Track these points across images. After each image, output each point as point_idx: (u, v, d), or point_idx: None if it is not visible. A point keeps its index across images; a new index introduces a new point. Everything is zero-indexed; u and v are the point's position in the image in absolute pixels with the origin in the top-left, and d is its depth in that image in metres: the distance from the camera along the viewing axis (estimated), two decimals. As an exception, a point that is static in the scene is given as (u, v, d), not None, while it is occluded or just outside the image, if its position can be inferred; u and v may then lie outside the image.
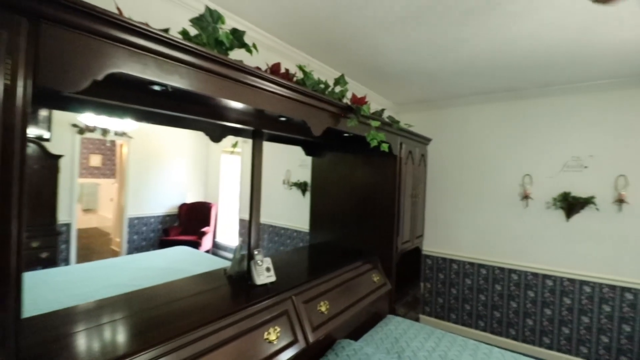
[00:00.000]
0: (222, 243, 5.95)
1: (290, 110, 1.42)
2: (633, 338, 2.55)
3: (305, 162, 4.20)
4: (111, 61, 0.82)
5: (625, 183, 2.59)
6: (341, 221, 2.68)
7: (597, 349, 2.68)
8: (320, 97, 1.52)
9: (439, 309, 3.46)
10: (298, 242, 4.28)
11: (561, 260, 2.85)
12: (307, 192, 4.25)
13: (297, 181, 4.33)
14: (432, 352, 1.83)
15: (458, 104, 3.33)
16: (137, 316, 1.25)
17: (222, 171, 6.10)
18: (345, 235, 2.65)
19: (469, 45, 2.04)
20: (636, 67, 2.32)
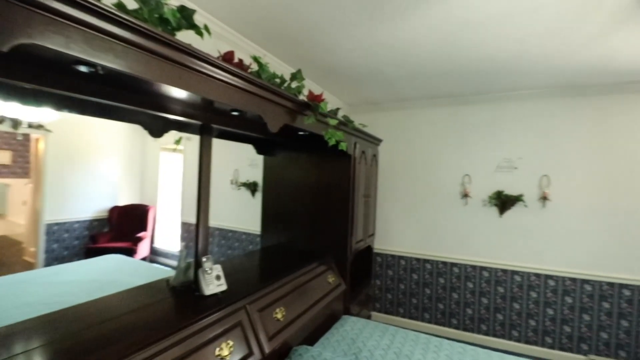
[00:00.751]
0: (161, 249, 5.47)
1: (245, 103, 1.30)
2: (555, 320, 2.89)
3: (256, 162, 4.03)
4: (21, 29, 0.65)
5: (548, 182, 2.92)
6: (295, 222, 2.60)
7: (526, 332, 2.99)
8: (277, 91, 1.43)
9: (388, 304, 3.57)
10: (247, 245, 4.10)
11: (496, 253, 3.11)
12: (258, 192, 4.08)
13: (247, 181, 4.15)
14: (387, 350, 1.85)
15: (406, 107, 3.47)
16: (59, 343, 1.04)
17: (161, 170, 5.61)
18: (299, 236, 2.57)
19: (421, 49, 2.11)
20: (559, 79, 2.62)
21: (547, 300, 2.92)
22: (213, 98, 1.14)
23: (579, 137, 2.83)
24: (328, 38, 2.01)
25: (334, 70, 2.57)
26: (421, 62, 2.34)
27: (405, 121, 3.51)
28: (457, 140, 3.28)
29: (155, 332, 1.10)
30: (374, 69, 2.51)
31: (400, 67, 2.45)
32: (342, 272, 2.41)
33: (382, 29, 1.87)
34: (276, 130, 1.48)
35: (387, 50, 2.15)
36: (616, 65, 2.30)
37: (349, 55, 2.27)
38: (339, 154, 2.32)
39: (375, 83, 2.86)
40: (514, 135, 3.06)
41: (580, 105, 2.83)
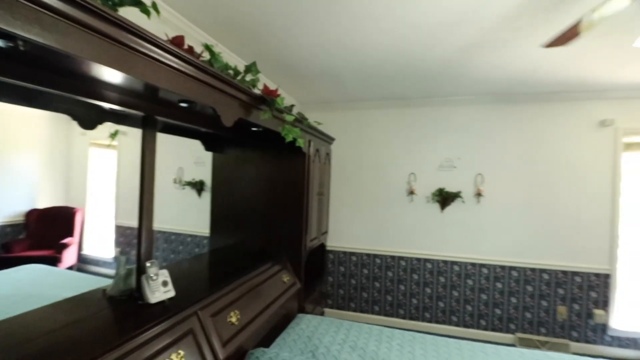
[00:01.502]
0: (91, 256, 4.90)
1: (197, 93, 1.21)
2: (488, 304, 3.19)
3: (202, 159, 3.80)
4: None
5: (482, 180, 3.22)
6: (247, 222, 2.51)
7: (464, 317, 3.26)
8: (232, 82, 1.36)
9: (340, 300, 3.64)
10: (193, 248, 3.85)
11: (437, 246, 3.35)
12: (205, 192, 3.86)
13: (192, 180, 3.90)
14: (343, 345, 1.87)
15: (357, 107, 3.56)
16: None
17: (90, 169, 5.02)
18: (251, 236, 2.49)
19: (374, 51, 2.17)
20: (493, 87, 2.89)
21: (481, 287, 3.22)
22: (162, 86, 1.04)
23: (508, 140, 3.17)
24: (283, 33, 1.97)
25: (288, 66, 2.53)
26: (374, 64, 2.41)
27: (356, 121, 3.60)
28: (404, 141, 3.45)
29: (90, 350, 0.96)
30: (327, 68, 2.52)
31: (353, 67, 2.50)
32: (297, 271, 2.39)
33: (338, 29, 1.88)
34: (230, 124, 1.40)
35: (341, 50, 2.17)
36: (539, 77, 2.61)
37: (303, 52, 2.25)
38: (293, 151, 2.29)
39: (328, 82, 2.88)
40: (454, 137, 3.31)
41: (510, 112, 3.17)
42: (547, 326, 3.06)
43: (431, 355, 1.83)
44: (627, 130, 2.93)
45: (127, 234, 4.53)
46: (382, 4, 1.62)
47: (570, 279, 3.02)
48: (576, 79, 2.65)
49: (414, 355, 1.81)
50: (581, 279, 3.00)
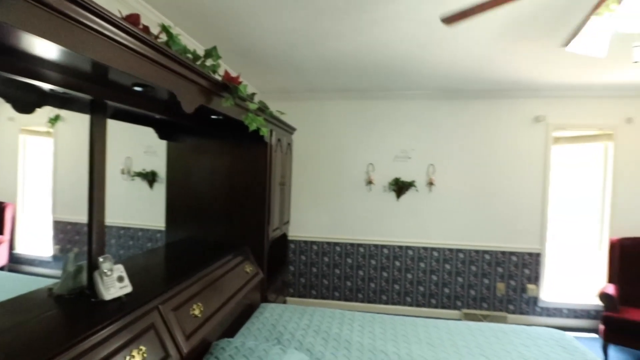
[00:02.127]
0: (25, 255, 4.41)
1: (155, 76, 1.14)
2: (438, 284, 3.46)
3: (154, 148, 3.57)
4: None
5: (434, 170, 3.44)
6: (207, 213, 2.43)
7: (417, 297, 3.50)
8: (193, 66, 1.30)
9: (301, 288, 3.69)
10: (145, 243, 3.64)
11: (394, 232, 3.53)
12: (157, 183, 3.65)
13: (143, 170, 3.65)
14: (307, 329, 1.92)
15: (318, 97, 3.57)
16: None
17: (21, 159, 4.48)
18: (212, 228, 2.42)
19: (337, 42, 2.19)
20: (445, 83, 3.07)
21: (432, 269, 3.48)
22: (116, 66, 0.96)
23: (457, 132, 3.41)
24: (246, 19, 1.91)
25: (248, 54, 2.46)
26: (335, 56, 2.44)
27: (316, 111, 3.62)
28: (363, 132, 3.55)
29: (41, 353, 0.89)
30: (289, 57, 2.49)
31: (315, 58, 2.50)
32: (260, 261, 2.38)
33: (302, 19, 1.87)
34: (191, 110, 1.34)
35: (304, 40, 2.16)
36: (483, 76, 2.83)
37: (266, 40, 2.20)
38: (255, 141, 2.25)
39: (289, 71, 2.86)
40: (409, 129, 3.48)
41: (458, 107, 3.40)
42: (488, 301, 3.40)
43: (389, 333, 1.95)
44: (556, 126, 3.30)
45: (68, 230, 4.14)
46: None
47: (508, 259, 3.37)
48: (515, 79, 2.91)
49: (374, 334, 1.92)
50: (517, 258, 3.36)
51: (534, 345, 1.83)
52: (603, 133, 3.30)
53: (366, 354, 1.71)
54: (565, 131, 3.36)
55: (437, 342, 1.85)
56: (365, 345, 1.80)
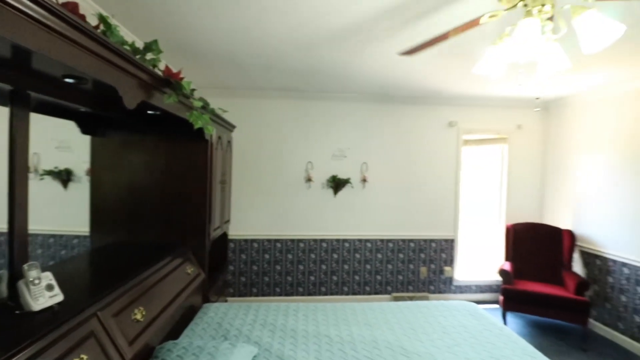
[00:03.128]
0: None
1: (93, 68, 1.07)
2: (371, 272, 3.77)
3: (67, 143, 3.17)
4: None
5: (367, 168, 3.72)
6: (140, 215, 2.29)
7: (353, 286, 3.76)
8: (134, 60, 1.25)
9: (242, 287, 3.67)
10: (59, 251, 3.22)
11: (331, 226, 3.73)
12: (73, 182, 3.25)
13: (55, 169, 3.23)
14: (254, 324, 1.97)
15: (258, 95, 3.57)
16: None
17: None
18: (146, 230, 2.29)
19: (279, 43, 2.24)
20: (375, 88, 3.34)
21: (366, 259, 3.77)
22: (55, 57, 0.90)
23: (386, 133, 3.75)
24: (186, 13, 1.85)
25: (187, 48, 2.37)
26: (277, 55, 2.49)
27: (256, 109, 3.62)
28: (302, 131, 3.67)
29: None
30: (230, 54, 2.47)
31: (257, 56, 2.52)
32: (201, 262, 2.33)
33: (246, 17, 1.88)
34: (134, 106, 1.29)
35: (247, 38, 2.17)
36: (409, 84, 3.17)
37: (206, 35, 2.15)
38: (194, 138, 2.20)
39: (229, 68, 2.82)
40: (345, 129, 3.71)
41: (388, 110, 3.74)
42: (414, 284, 3.83)
43: (331, 319, 2.10)
44: (465, 130, 3.86)
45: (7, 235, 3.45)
46: (290, 2, 1.71)
47: (429, 245, 3.84)
48: (434, 88, 3.33)
49: (318, 321, 2.05)
50: (436, 245, 3.85)
51: (450, 315, 2.16)
52: (500, 137, 3.97)
53: (311, 340, 1.83)
54: (472, 135, 3.95)
55: (373, 322, 2.06)
56: (310, 332, 1.92)
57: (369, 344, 1.80)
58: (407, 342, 1.82)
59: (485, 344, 1.82)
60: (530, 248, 3.53)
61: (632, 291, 2.92)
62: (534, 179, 3.98)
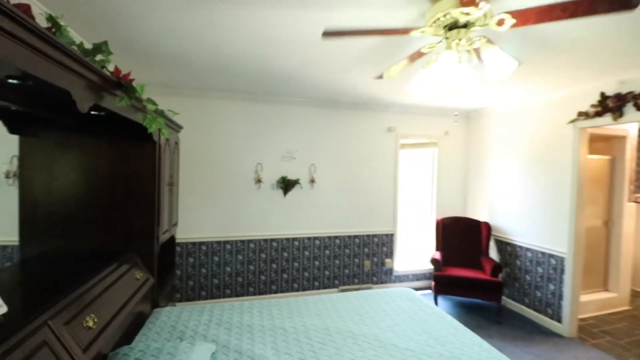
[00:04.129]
0: None
1: (47, 71, 1.06)
2: (320, 268, 3.96)
3: (-20, 143, 2.81)
4: None
5: (315, 169, 3.90)
6: (80, 221, 2.15)
7: (303, 282, 3.91)
8: (87, 63, 1.23)
9: (190, 291, 3.59)
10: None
11: (281, 226, 3.84)
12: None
13: (-36, 171, 2.84)
14: (209, 323, 2.00)
15: (206, 95, 3.53)
16: None
17: None
18: (88, 237, 2.16)
19: (231, 47, 2.28)
20: (322, 94, 3.53)
21: (315, 256, 3.96)
22: (5, 58, 0.88)
23: (332, 136, 3.97)
24: (133, 11, 1.81)
25: (133, 47, 2.29)
26: (228, 59, 2.51)
27: (204, 110, 3.56)
28: (252, 133, 3.72)
29: None
30: (179, 54, 2.44)
31: (207, 58, 2.52)
32: (150, 267, 2.28)
33: (198, 20, 1.90)
34: (86, 110, 1.27)
35: (198, 40, 2.17)
36: (354, 92, 3.42)
37: (155, 35, 2.11)
38: (141, 139, 2.15)
39: (178, 68, 2.76)
40: (294, 132, 3.85)
41: (334, 115, 3.97)
42: (359, 277, 4.12)
43: (286, 312, 2.23)
44: (402, 135, 4.26)
45: None
46: (243, 12, 1.79)
47: (371, 240, 4.16)
48: (376, 96, 3.64)
49: (273, 316, 2.16)
50: (378, 239, 4.19)
51: (391, 301, 2.43)
52: (431, 141, 4.46)
53: (268, 333, 1.94)
54: (408, 139, 4.37)
55: (324, 312, 2.23)
56: (266, 326, 2.02)
57: (321, 332, 1.96)
58: (354, 327, 2.02)
59: (420, 322, 2.11)
60: (456, 238, 4.04)
61: (534, 271, 3.54)
62: (459, 178, 4.55)
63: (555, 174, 3.33)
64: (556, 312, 3.30)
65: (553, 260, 3.33)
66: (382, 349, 1.77)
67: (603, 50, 2.20)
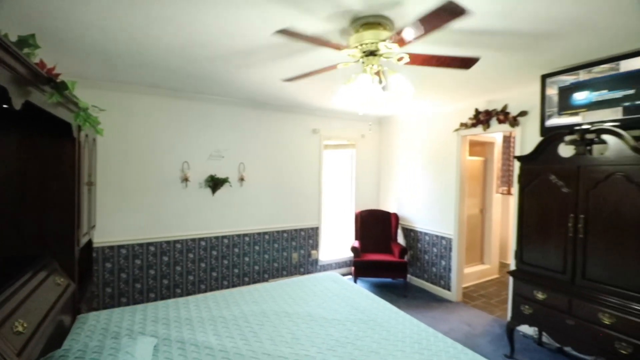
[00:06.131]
0: None
1: (-15, 70, 1.04)
2: (250, 264, 4.08)
3: None
4: None
5: (244, 167, 4.01)
6: (-20, 224, 1.92)
7: (233, 279, 3.99)
8: (22, 57, 1.21)
9: (107, 299, 3.35)
10: None
11: (210, 225, 3.85)
12: None
13: None
14: (144, 322, 2.02)
15: (126, 90, 3.32)
16: None
17: None
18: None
19: (157, 42, 2.22)
20: (250, 95, 3.66)
21: (244, 252, 4.07)
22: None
23: (261, 136, 4.14)
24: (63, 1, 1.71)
25: (46, 35, 2.10)
26: (153, 54, 2.43)
27: (125, 104, 3.35)
28: (177, 130, 3.63)
29: None
30: (100, 46, 2.31)
31: (130, 52, 2.41)
32: (70, 272, 2.14)
33: (122, 11, 1.83)
34: (19, 107, 1.23)
35: (121, 33, 2.07)
36: (282, 95, 3.65)
37: (74, 27, 2.00)
38: (58, 135, 2.02)
39: (99, 61, 2.58)
40: (222, 131, 3.89)
41: (263, 115, 4.14)
42: (287, 269, 4.38)
43: (222, 303, 2.35)
44: (326, 137, 4.66)
45: None
46: (171, 10, 1.83)
47: (299, 234, 4.46)
48: (302, 101, 3.94)
49: (210, 308, 2.27)
50: (304, 233, 4.51)
51: (319, 284, 2.75)
52: (350, 143, 4.97)
53: (207, 323, 2.05)
54: (331, 140, 4.80)
55: (259, 299, 2.43)
56: (205, 317, 2.13)
57: (258, 316, 2.16)
58: (289, 308, 2.27)
59: (343, 298, 2.47)
60: (371, 228, 4.62)
61: (430, 252, 4.30)
62: (373, 175, 5.18)
63: (445, 172, 4.11)
64: (447, 282, 4.09)
65: (444, 241, 4.12)
66: (313, 321, 2.06)
67: (476, 78, 2.89)
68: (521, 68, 2.64)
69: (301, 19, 1.79)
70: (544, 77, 2.71)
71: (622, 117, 2.29)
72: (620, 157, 2.11)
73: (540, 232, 2.57)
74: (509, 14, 1.73)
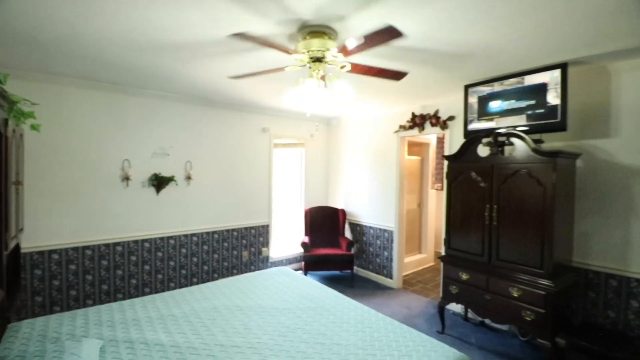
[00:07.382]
0: None
1: None
2: (198, 264, 4.01)
3: None
4: None
5: (191, 166, 3.93)
6: None
7: (180, 280, 3.89)
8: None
9: (38, 308, 3.07)
10: None
11: (155, 225, 3.71)
12: None
13: None
14: (87, 326, 1.95)
15: (59, 82, 3.05)
16: None
17: None
18: None
19: (96, 33, 2.10)
20: (197, 92, 3.61)
21: (192, 252, 3.99)
22: None
23: (209, 134, 4.08)
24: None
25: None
26: (92, 45, 2.29)
27: (57, 98, 3.08)
28: (116, 126, 3.44)
29: None
30: (30, 35, 2.13)
31: (65, 42, 2.25)
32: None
33: (74, 11, 1.77)
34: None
35: (57, 22, 1.95)
36: (232, 94, 3.65)
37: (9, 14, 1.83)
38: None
39: (28, 49, 2.35)
40: (167, 128, 3.76)
41: (211, 113, 4.08)
42: (238, 267, 4.38)
43: (172, 303, 2.34)
44: (275, 135, 4.74)
45: None
46: (116, 4, 1.79)
47: (249, 232, 4.49)
48: (252, 100, 3.97)
49: (158, 307, 2.24)
50: (255, 231, 4.55)
51: (270, 278, 2.85)
52: (300, 142, 5.11)
53: (157, 322, 2.04)
54: (281, 139, 4.89)
55: (210, 296, 2.46)
56: (153, 317, 2.11)
57: (210, 311, 2.19)
58: (240, 302, 2.34)
59: (294, 289, 2.60)
60: (321, 224, 4.82)
61: (374, 243, 4.63)
62: (322, 174, 5.39)
63: (386, 170, 4.46)
64: (389, 271, 4.44)
65: (386, 234, 4.47)
66: (265, 312, 2.16)
67: (411, 86, 3.21)
68: (446, 79, 3.02)
69: (253, 21, 1.87)
70: (466, 87, 3.12)
71: (526, 123, 2.74)
72: (524, 156, 2.54)
73: (464, 221, 2.97)
74: (433, 37, 2.02)
